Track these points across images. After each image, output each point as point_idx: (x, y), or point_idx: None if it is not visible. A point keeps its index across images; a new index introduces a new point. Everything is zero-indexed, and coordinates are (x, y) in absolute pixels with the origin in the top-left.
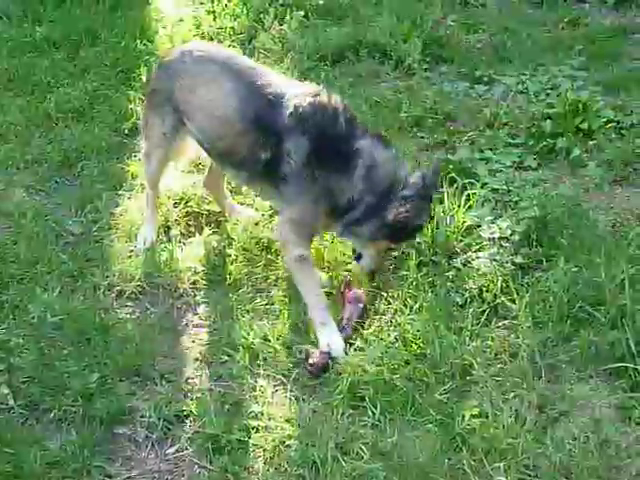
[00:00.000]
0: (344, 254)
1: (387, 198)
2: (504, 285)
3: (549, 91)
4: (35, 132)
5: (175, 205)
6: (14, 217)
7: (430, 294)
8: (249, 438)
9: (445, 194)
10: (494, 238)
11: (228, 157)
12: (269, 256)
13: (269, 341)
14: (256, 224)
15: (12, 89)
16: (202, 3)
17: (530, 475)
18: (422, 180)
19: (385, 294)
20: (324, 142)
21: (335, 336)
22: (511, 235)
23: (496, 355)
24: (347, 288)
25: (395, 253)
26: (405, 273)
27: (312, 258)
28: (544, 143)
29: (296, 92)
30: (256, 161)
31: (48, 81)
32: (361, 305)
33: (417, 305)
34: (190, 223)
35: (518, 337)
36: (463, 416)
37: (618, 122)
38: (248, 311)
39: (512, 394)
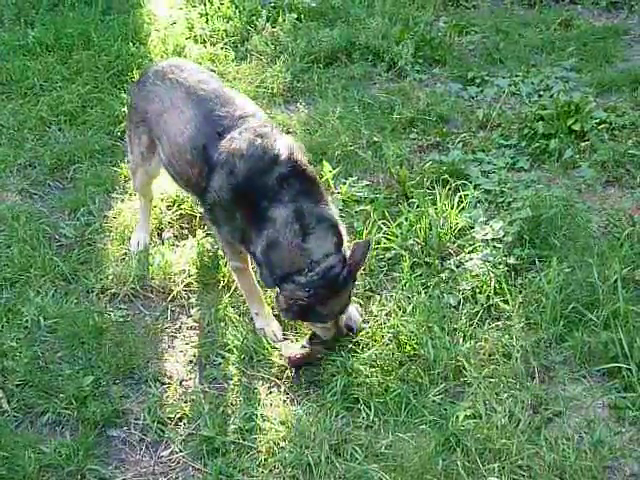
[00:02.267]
0: None
1: (285, 281)
2: (497, 286)
3: (541, 92)
4: (28, 135)
5: (168, 208)
6: (7, 220)
7: (423, 295)
8: (243, 440)
9: (438, 195)
10: (487, 239)
11: (184, 183)
12: None
13: (262, 343)
14: None
15: (4, 92)
16: (195, 6)
17: (524, 476)
18: (328, 269)
19: (378, 296)
20: (249, 190)
21: (269, 322)
22: (504, 236)
23: (490, 356)
24: None
25: (388, 255)
26: (398, 275)
27: (247, 264)
28: (537, 144)
29: (244, 127)
30: (199, 189)
31: (41, 84)
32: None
33: (410, 306)
34: (183, 226)
35: (512, 338)
36: (457, 417)
37: (610, 123)
38: (241, 313)
39: (506, 395)
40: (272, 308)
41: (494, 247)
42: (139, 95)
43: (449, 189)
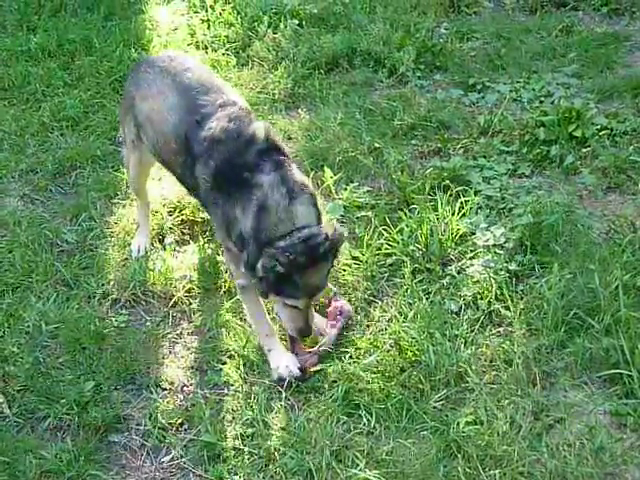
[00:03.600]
0: (338, 263)
1: (269, 245)
2: (498, 292)
3: (543, 99)
4: (30, 141)
5: (170, 213)
6: (9, 226)
7: (425, 302)
8: (244, 446)
9: (439, 201)
10: (488, 245)
11: (171, 171)
12: None
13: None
14: None
15: (7, 98)
16: (196, 12)
17: None
18: (309, 237)
19: (380, 301)
20: (228, 169)
21: (284, 359)
22: (505, 242)
23: (491, 362)
24: (333, 301)
25: (390, 260)
26: (400, 281)
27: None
28: (538, 150)
29: (221, 114)
30: (187, 180)
31: (43, 90)
32: (336, 330)
33: (412, 313)
34: (185, 231)
35: (513, 344)
36: (458, 423)
37: (612, 129)
38: (242, 319)
39: (507, 401)
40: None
41: (495, 253)
42: (130, 82)
43: (450, 195)
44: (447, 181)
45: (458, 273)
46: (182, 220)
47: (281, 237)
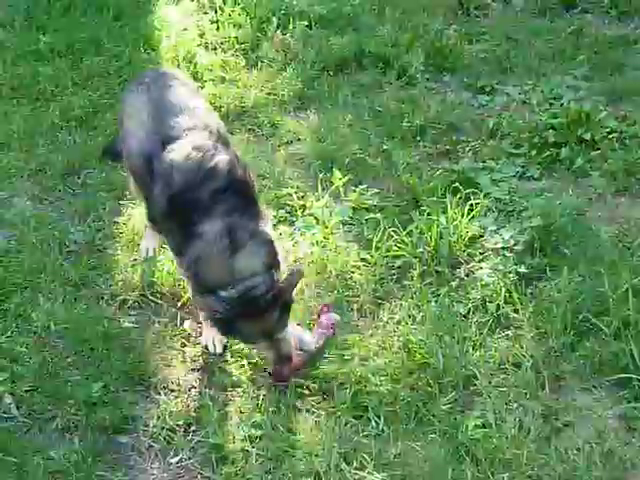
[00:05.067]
0: (346, 264)
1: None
2: (507, 295)
3: (552, 101)
4: (39, 140)
5: None
6: (17, 226)
7: (433, 304)
8: (252, 447)
9: (448, 204)
10: (497, 248)
11: (136, 184)
12: None
13: None
14: None
15: (16, 97)
16: (206, 13)
17: None
18: (248, 290)
19: (388, 304)
20: (181, 202)
21: (210, 337)
22: (514, 245)
23: (500, 365)
24: (321, 312)
25: (398, 262)
26: (408, 283)
27: None
28: (547, 153)
29: (187, 140)
30: (146, 197)
31: (52, 89)
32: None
33: (420, 315)
34: None
35: (522, 347)
36: (467, 426)
37: (621, 132)
38: None
39: (516, 404)
40: None
41: (504, 256)
42: (122, 100)
43: (459, 197)
44: (456, 183)
45: (467, 276)
46: None
47: (221, 287)
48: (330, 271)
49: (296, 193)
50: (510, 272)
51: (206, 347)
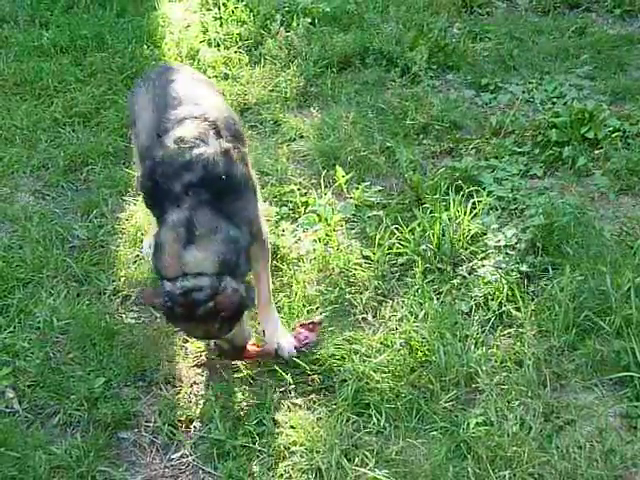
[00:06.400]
0: (349, 262)
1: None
2: (510, 293)
3: (555, 100)
4: (41, 136)
5: None
6: (20, 221)
7: (436, 302)
8: (254, 444)
9: (451, 202)
10: (500, 246)
11: None
12: (274, 262)
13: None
14: None
15: (19, 93)
16: (209, 9)
17: None
18: (191, 290)
19: (390, 301)
20: (159, 194)
21: None
22: (517, 243)
23: (501, 363)
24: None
25: (401, 260)
26: (411, 280)
27: None
28: (550, 152)
29: (173, 133)
30: None
31: (55, 85)
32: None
33: (422, 312)
34: None
35: (523, 345)
36: (468, 424)
37: (624, 131)
38: (252, 317)
39: (517, 402)
40: None
41: (506, 254)
42: (130, 97)
43: (462, 195)
44: (459, 181)
45: (469, 274)
46: None
47: (170, 279)
48: (332, 268)
49: (299, 190)
50: (512, 270)
51: (207, 344)
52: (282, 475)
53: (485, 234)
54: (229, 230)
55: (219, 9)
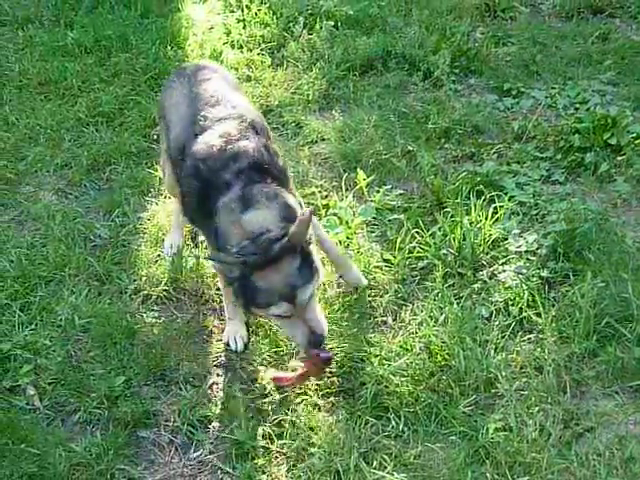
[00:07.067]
0: (369, 264)
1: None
2: (530, 299)
3: (578, 105)
4: (65, 136)
5: None
6: (43, 219)
7: (456, 306)
8: (272, 445)
9: (472, 206)
10: (521, 251)
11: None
12: None
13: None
14: None
15: (43, 93)
16: (232, 11)
17: None
18: (258, 237)
19: (410, 305)
20: (207, 189)
21: (232, 333)
22: (538, 249)
23: (521, 369)
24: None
25: (421, 264)
26: (431, 284)
27: None
28: (572, 157)
29: (214, 130)
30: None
31: (79, 85)
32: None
33: (442, 317)
34: None
35: (544, 351)
36: (487, 429)
37: None
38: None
39: (537, 408)
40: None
41: (527, 259)
42: (163, 90)
43: (483, 200)
44: (480, 186)
45: (490, 278)
46: None
47: (234, 243)
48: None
49: (320, 193)
50: (533, 276)
51: (227, 344)
52: (300, 477)
53: (506, 239)
54: (285, 198)
55: (242, 11)
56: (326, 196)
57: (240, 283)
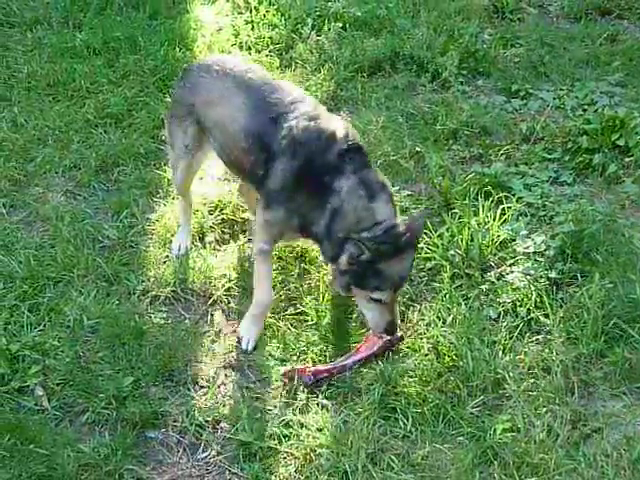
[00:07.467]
0: None
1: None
2: (538, 300)
3: (586, 107)
4: (74, 137)
5: (210, 212)
6: (52, 220)
7: (464, 307)
8: (280, 446)
9: (480, 207)
10: (529, 252)
11: (237, 170)
12: (303, 265)
13: (301, 348)
14: None
15: (52, 94)
16: (241, 13)
17: None
18: (391, 227)
19: (418, 305)
20: (310, 170)
21: (252, 333)
22: (546, 250)
23: (529, 370)
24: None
25: (429, 265)
26: (439, 285)
27: (272, 249)
28: (580, 159)
29: (298, 113)
30: (256, 176)
31: (87, 87)
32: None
33: (450, 318)
34: (225, 230)
35: (551, 352)
36: (495, 430)
37: None
38: (280, 319)
39: (544, 409)
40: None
41: (535, 260)
42: (184, 89)
43: (491, 201)
44: (488, 187)
45: (498, 279)
46: (222, 219)
47: (363, 230)
48: None
49: None
50: (541, 277)
51: (238, 341)
52: (308, 477)
53: (514, 240)
54: (385, 183)
55: (251, 13)
56: None
57: (360, 264)
